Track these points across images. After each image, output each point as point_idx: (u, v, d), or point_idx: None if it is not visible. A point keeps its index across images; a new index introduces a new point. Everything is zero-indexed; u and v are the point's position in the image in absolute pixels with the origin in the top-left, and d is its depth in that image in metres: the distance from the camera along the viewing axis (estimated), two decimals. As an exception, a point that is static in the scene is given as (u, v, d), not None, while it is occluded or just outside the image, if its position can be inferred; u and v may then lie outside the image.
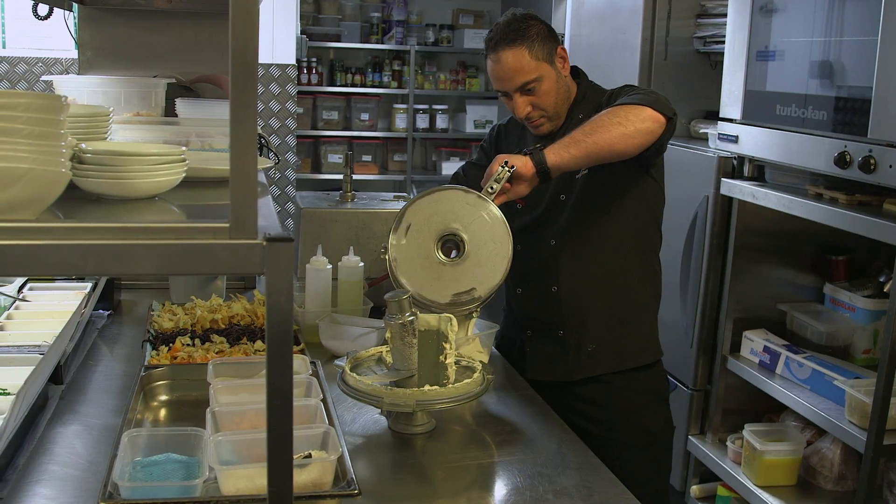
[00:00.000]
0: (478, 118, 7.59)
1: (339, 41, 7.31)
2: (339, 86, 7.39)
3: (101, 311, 2.70)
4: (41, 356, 2.01)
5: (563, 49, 2.49)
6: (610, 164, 2.32)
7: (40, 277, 2.67)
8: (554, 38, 2.47)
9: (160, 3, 3.04)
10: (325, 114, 7.36)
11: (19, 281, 2.65)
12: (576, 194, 2.44)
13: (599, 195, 2.43)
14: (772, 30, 3.17)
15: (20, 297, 2.56)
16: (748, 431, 3.24)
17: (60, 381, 2.16)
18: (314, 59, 7.22)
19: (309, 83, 7.17)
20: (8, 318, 2.40)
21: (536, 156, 2.21)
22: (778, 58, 3.14)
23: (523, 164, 2.20)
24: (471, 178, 2.63)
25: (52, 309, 2.47)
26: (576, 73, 2.58)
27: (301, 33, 6.76)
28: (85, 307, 2.44)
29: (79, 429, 1.97)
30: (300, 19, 6.75)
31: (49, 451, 1.84)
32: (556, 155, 2.21)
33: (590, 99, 2.52)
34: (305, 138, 7.24)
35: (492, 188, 2.20)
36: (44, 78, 3.98)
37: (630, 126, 2.21)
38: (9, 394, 1.88)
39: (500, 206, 2.23)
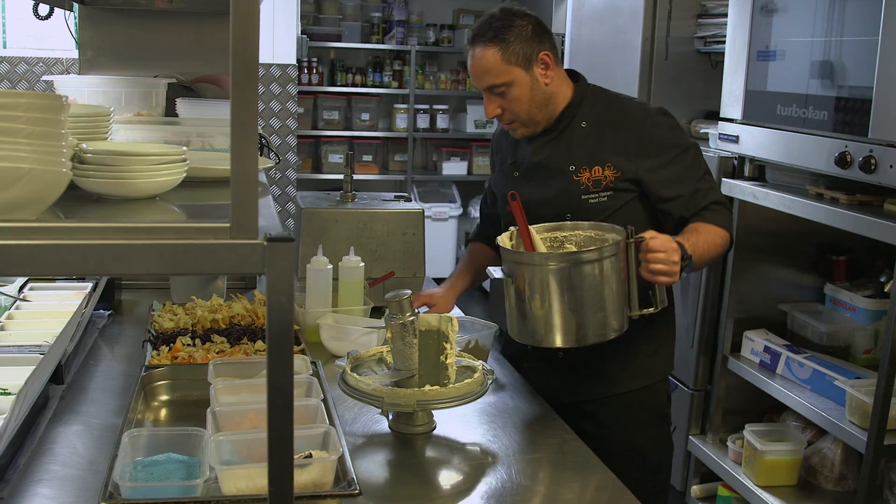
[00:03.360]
0: (478, 118, 7.60)
1: (339, 41, 7.32)
2: (340, 86, 7.39)
3: (101, 311, 2.70)
4: (42, 356, 2.01)
5: (548, 54, 2.33)
6: (630, 202, 2.33)
7: (41, 277, 2.66)
8: (539, 41, 2.32)
9: (161, 3, 3.04)
10: (326, 114, 7.36)
11: (20, 281, 2.65)
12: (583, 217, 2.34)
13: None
14: (772, 30, 3.17)
15: (21, 296, 2.56)
16: (749, 431, 3.24)
17: (61, 380, 2.16)
18: (315, 59, 7.23)
19: (310, 83, 7.18)
20: (9, 317, 2.39)
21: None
22: (779, 58, 3.14)
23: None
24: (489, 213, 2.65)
25: (52, 309, 2.47)
26: (573, 75, 2.46)
27: (301, 33, 6.76)
28: (85, 307, 2.44)
29: (79, 429, 1.97)
30: (301, 19, 6.76)
31: (50, 450, 1.84)
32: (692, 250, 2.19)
33: (592, 103, 2.40)
34: (306, 138, 7.25)
35: None
36: (44, 78, 3.98)
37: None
38: (9, 394, 1.88)
39: None
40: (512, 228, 2.25)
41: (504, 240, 2.20)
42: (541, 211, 2.36)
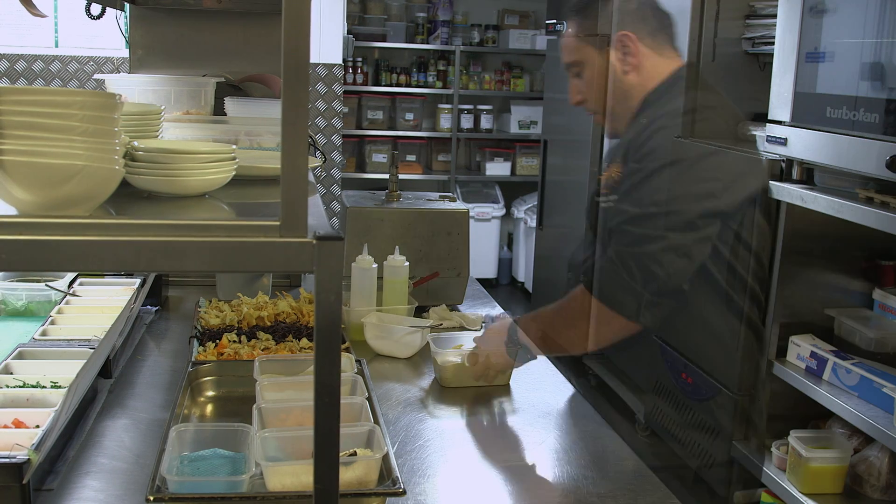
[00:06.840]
0: (522, 118, 7.59)
1: (384, 41, 7.36)
2: (385, 85, 7.44)
3: (148, 306, 2.73)
4: (91, 350, 2.04)
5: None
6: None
7: (91, 273, 2.71)
8: None
9: (209, 3, 3.07)
10: (370, 113, 7.42)
11: (70, 276, 2.69)
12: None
13: None
14: (822, 31, 3.13)
15: (70, 291, 2.60)
16: (794, 438, 3.20)
17: (110, 375, 2.20)
18: (360, 59, 7.27)
19: (354, 83, 7.24)
20: (59, 312, 2.43)
21: None
22: (828, 59, 3.10)
23: None
24: None
25: (101, 304, 2.51)
26: None
27: (347, 33, 6.81)
28: (134, 303, 2.47)
29: (127, 422, 2.00)
30: (346, 19, 6.81)
31: (98, 443, 1.87)
32: None
33: None
34: (350, 137, 7.30)
35: None
36: (96, 76, 4.04)
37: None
38: (61, 387, 1.91)
39: None
40: None
41: None
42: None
